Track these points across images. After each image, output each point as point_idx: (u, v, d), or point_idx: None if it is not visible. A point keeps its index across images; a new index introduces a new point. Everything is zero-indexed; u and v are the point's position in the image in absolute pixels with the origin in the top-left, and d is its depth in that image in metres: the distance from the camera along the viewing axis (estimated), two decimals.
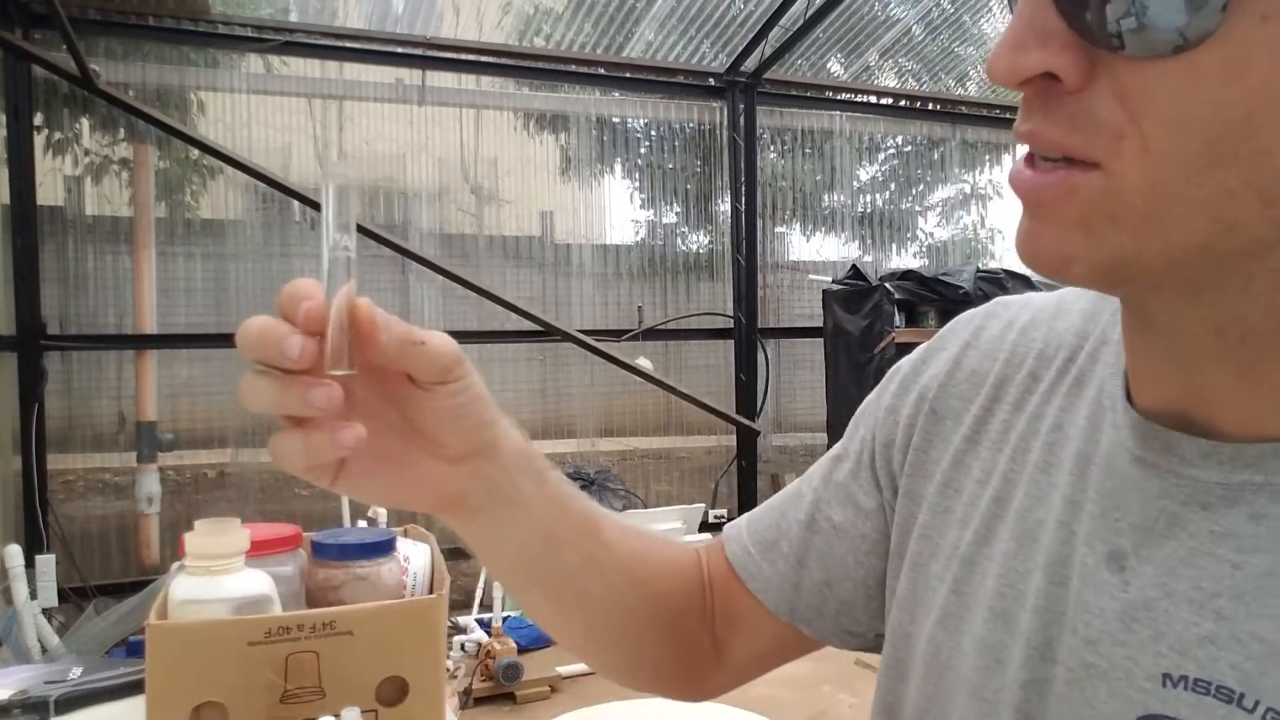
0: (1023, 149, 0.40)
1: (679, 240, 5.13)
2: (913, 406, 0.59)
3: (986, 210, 5.92)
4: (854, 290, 4.41)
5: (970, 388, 0.56)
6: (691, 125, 4.98)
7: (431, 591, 1.10)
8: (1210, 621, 0.39)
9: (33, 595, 2.93)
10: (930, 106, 5.51)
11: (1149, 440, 0.44)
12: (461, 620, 3.32)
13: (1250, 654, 0.37)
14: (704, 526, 4.36)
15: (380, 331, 0.46)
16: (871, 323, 4.23)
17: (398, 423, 0.51)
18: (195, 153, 4.01)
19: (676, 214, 5.10)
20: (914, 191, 5.74)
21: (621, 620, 0.64)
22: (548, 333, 4.28)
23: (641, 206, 5.06)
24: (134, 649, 1.87)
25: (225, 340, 4.10)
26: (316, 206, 3.95)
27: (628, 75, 4.71)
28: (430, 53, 4.25)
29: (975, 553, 0.51)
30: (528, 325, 4.23)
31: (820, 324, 4.71)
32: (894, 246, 5.63)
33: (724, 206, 4.99)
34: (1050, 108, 0.37)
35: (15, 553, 2.86)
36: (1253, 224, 0.35)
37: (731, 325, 4.86)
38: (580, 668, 3.10)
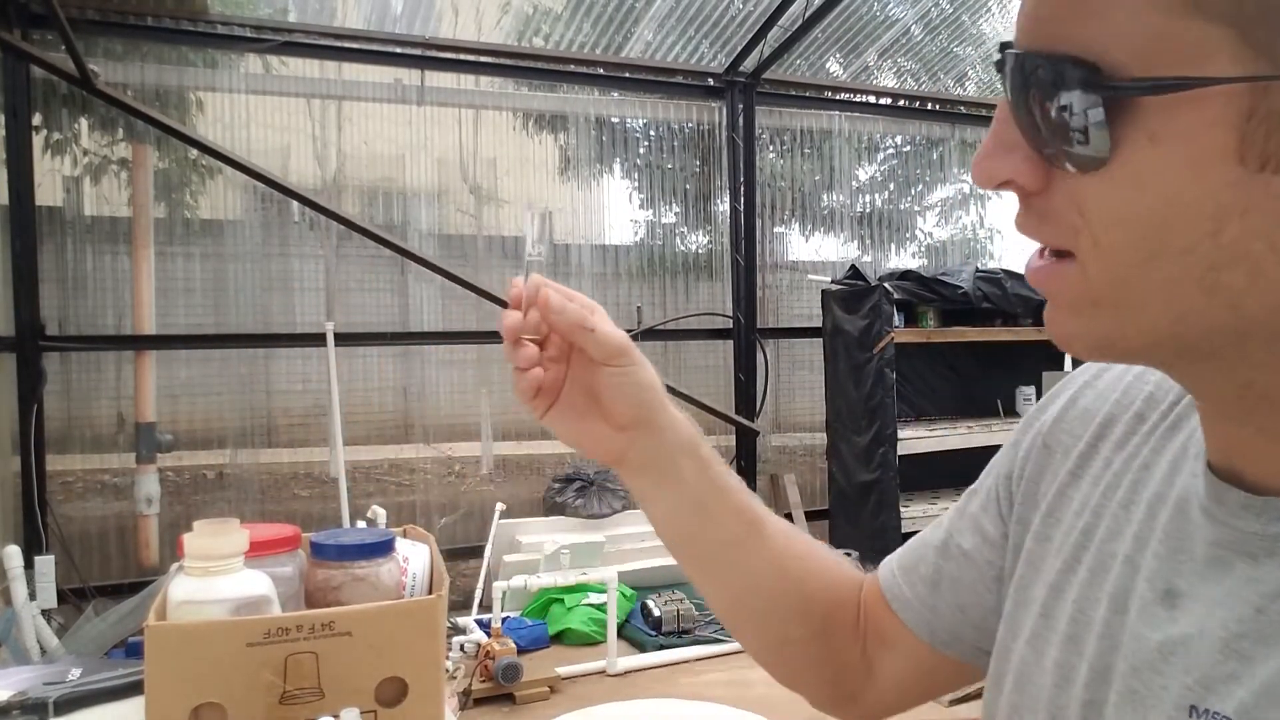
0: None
1: (678, 240, 5.12)
2: (1030, 441, 0.65)
3: (985, 210, 5.92)
4: (853, 290, 4.40)
5: (1080, 424, 0.61)
6: (690, 125, 4.97)
7: (430, 592, 1.10)
8: (1234, 661, 0.43)
9: (32, 596, 2.93)
10: (929, 106, 5.50)
11: (1209, 489, 0.48)
12: (460, 621, 3.32)
13: (1264, 693, 0.41)
14: None
15: (553, 313, 0.62)
16: (871, 323, 4.23)
17: (587, 385, 0.66)
18: (194, 153, 4.01)
19: (675, 214, 5.10)
20: (913, 191, 5.74)
21: (766, 604, 0.72)
22: None
23: (640, 206, 5.05)
24: (133, 650, 1.86)
25: (224, 340, 4.11)
26: (315, 206, 3.96)
27: (627, 75, 4.70)
28: (429, 53, 4.24)
29: (1062, 580, 0.56)
30: None
31: (819, 324, 4.71)
32: (893, 246, 5.62)
33: (723, 206, 4.99)
34: (1026, 206, 0.44)
35: (14, 554, 2.86)
36: (1202, 312, 0.40)
37: (730, 325, 4.85)
38: (580, 668, 3.10)
